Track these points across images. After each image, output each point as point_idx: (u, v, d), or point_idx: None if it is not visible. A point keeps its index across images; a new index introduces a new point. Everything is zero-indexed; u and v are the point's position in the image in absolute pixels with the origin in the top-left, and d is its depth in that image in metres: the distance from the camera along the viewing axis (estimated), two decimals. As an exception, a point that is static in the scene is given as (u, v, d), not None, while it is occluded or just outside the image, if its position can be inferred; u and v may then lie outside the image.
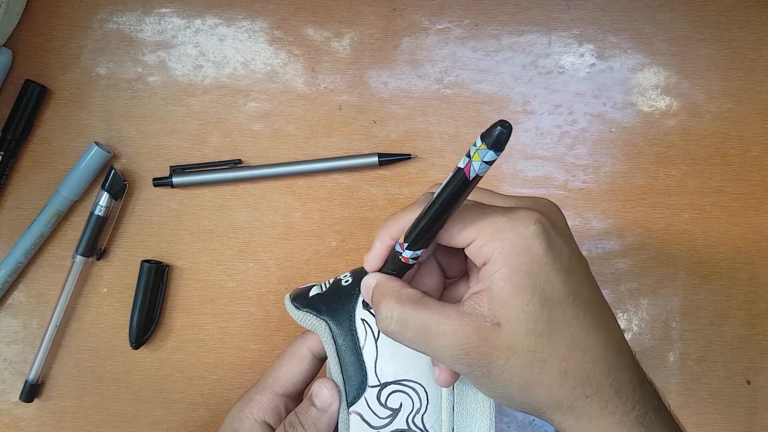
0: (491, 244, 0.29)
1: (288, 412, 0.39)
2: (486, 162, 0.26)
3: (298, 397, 0.40)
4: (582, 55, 0.53)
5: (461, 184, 0.28)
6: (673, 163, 0.52)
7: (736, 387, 0.52)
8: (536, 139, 0.52)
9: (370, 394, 0.36)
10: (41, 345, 0.52)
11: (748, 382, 0.52)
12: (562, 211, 0.33)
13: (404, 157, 0.52)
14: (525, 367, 0.29)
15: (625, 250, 0.52)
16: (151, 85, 0.53)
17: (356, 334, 0.36)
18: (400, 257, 0.32)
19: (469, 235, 0.30)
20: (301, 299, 0.39)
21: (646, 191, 0.52)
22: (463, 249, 0.31)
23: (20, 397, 0.52)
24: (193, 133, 0.53)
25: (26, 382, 0.52)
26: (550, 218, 0.30)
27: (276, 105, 0.53)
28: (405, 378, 0.36)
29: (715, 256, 0.52)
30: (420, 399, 0.36)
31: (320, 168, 0.52)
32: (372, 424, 0.36)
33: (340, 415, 0.37)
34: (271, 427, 0.38)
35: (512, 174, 0.52)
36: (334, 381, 0.37)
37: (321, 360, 0.39)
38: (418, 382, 0.36)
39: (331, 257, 0.53)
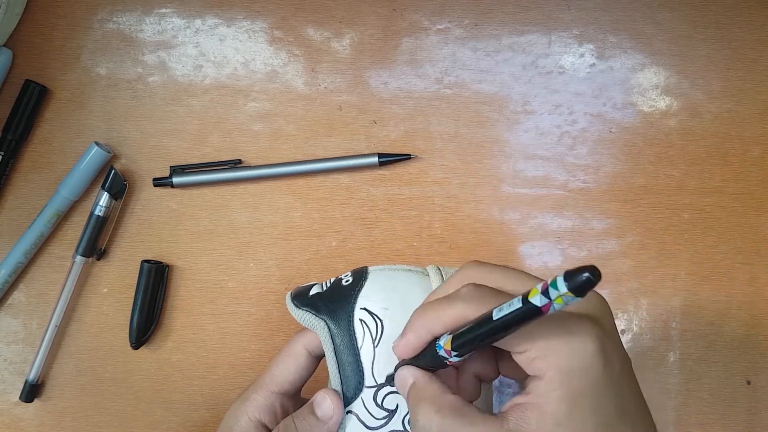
0: (547, 359, 0.28)
1: (284, 410, 0.39)
2: (567, 305, 0.24)
3: (294, 395, 0.39)
4: (582, 55, 0.53)
5: (531, 315, 0.26)
6: (673, 163, 0.52)
7: (736, 387, 0.52)
8: (536, 139, 0.52)
9: (367, 394, 0.36)
10: (41, 345, 0.52)
11: (748, 382, 0.52)
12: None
13: (404, 157, 0.52)
14: None
15: (625, 250, 0.52)
16: (151, 85, 0.53)
17: (354, 334, 0.36)
18: (446, 361, 0.31)
19: (522, 345, 0.28)
20: (301, 298, 0.39)
21: (646, 191, 0.52)
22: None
23: (20, 397, 0.52)
24: (193, 133, 0.53)
25: (26, 382, 0.52)
26: (603, 327, 0.29)
27: (276, 105, 0.53)
28: None
29: (715, 256, 0.52)
30: None
31: (320, 168, 0.52)
32: (368, 424, 0.36)
33: None
34: (266, 426, 0.38)
35: (512, 174, 0.52)
36: (338, 393, 0.36)
37: (317, 358, 0.39)
38: None
39: (331, 257, 0.53)
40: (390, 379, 0.35)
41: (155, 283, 0.52)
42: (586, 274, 0.23)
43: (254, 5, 0.53)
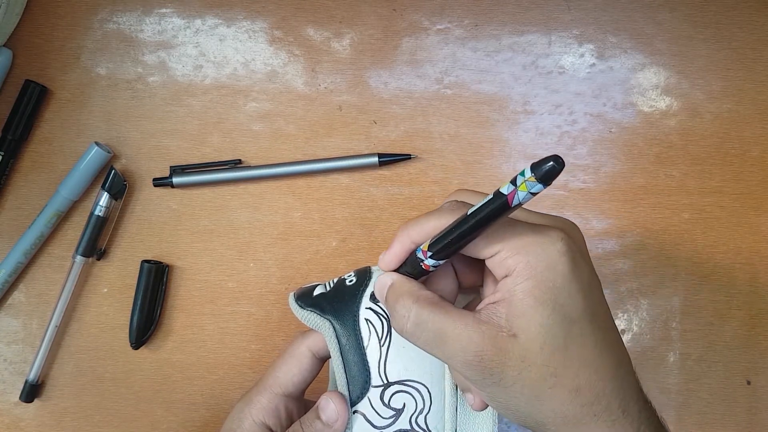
0: (516, 257, 0.30)
1: (287, 412, 0.39)
2: (531, 193, 0.26)
3: (298, 397, 0.40)
4: (582, 56, 0.53)
5: (500, 208, 0.28)
6: (673, 163, 0.52)
7: (736, 387, 0.52)
8: (536, 139, 0.52)
9: (374, 394, 0.36)
10: (41, 345, 0.52)
11: (748, 382, 0.52)
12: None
13: (404, 157, 0.52)
14: (537, 380, 0.29)
15: (625, 250, 0.52)
16: (151, 85, 0.53)
17: (360, 334, 0.36)
18: (422, 264, 0.32)
19: (494, 247, 0.30)
20: (305, 298, 0.39)
21: (646, 191, 0.52)
22: (484, 260, 0.31)
23: (20, 397, 0.52)
24: (193, 133, 0.53)
25: (26, 382, 0.52)
26: (574, 238, 0.31)
27: (276, 105, 0.53)
28: (409, 378, 0.36)
29: (715, 256, 0.52)
30: (423, 399, 0.36)
31: (320, 168, 0.52)
32: (375, 424, 0.36)
33: None
34: (269, 428, 0.38)
35: (512, 174, 0.52)
36: (342, 396, 0.36)
37: (320, 359, 0.39)
38: (422, 382, 0.36)
39: (331, 257, 0.53)
40: (372, 296, 0.36)
41: (155, 283, 0.52)
42: (551, 163, 0.25)
43: (254, 5, 0.53)
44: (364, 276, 0.38)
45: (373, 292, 0.37)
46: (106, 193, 0.51)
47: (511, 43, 0.53)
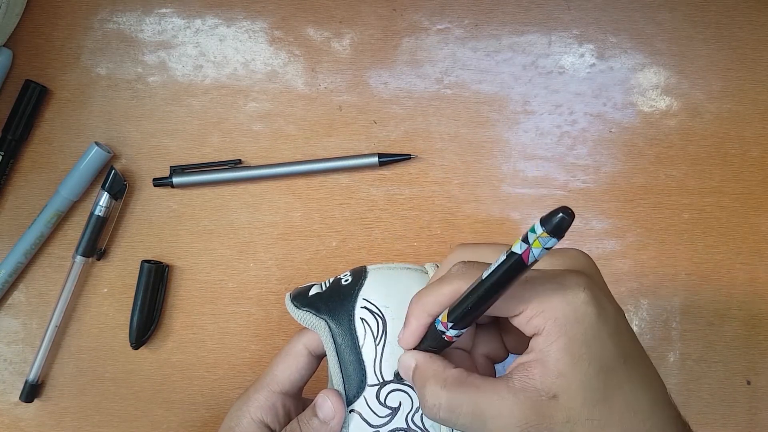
0: (542, 315, 0.29)
1: (285, 410, 0.39)
2: (546, 248, 0.25)
3: (296, 394, 0.40)
4: (582, 56, 0.53)
5: (517, 268, 0.27)
6: (673, 163, 0.52)
7: (736, 387, 0.52)
8: (536, 139, 0.52)
9: (370, 393, 0.36)
10: (41, 345, 0.52)
11: (748, 382, 0.52)
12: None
13: (404, 158, 0.52)
14: None
15: (625, 250, 0.52)
16: (151, 85, 0.53)
17: (355, 333, 0.36)
18: (443, 336, 0.31)
19: (517, 307, 0.29)
20: (301, 298, 0.39)
21: (646, 191, 0.52)
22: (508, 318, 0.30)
23: (20, 397, 0.52)
24: (193, 133, 0.53)
25: (26, 382, 0.52)
26: (592, 277, 0.30)
27: (276, 105, 0.53)
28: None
29: (715, 256, 0.52)
30: None
31: (320, 168, 0.52)
32: (371, 422, 0.36)
33: None
34: (267, 426, 0.38)
35: (512, 174, 0.52)
36: (339, 393, 0.36)
37: (317, 357, 0.39)
38: None
39: (331, 257, 0.53)
40: (398, 376, 0.36)
41: (155, 283, 0.52)
42: (560, 215, 0.24)
43: (254, 5, 0.53)
44: (359, 275, 0.38)
45: (369, 293, 0.37)
46: (106, 193, 0.51)
47: (511, 43, 0.53)
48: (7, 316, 0.53)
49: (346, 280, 0.38)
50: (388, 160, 0.52)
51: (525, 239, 0.25)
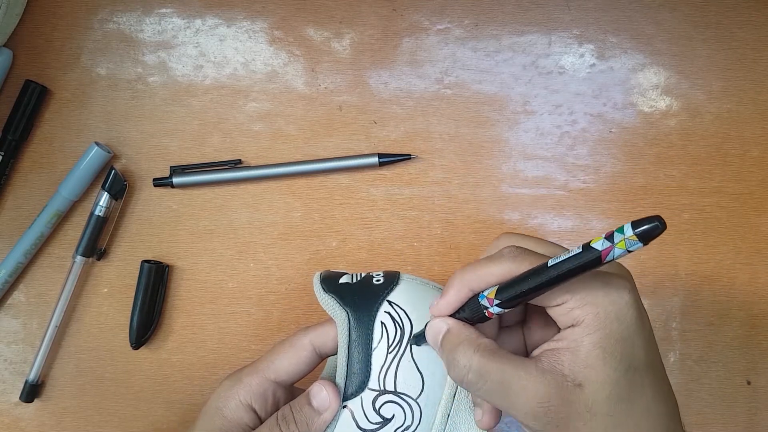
0: (585, 308, 0.29)
1: (275, 398, 0.38)
2: (629, 251, 0.25)
3: (288, 386, 0.39)
4: (582, 56, 0.53)
5: (592, 263, 0.27)
6: (673, 164, 0.52)
7: (736, 387, 0.52)
8: (536, 139, 0.52)
9: (368, 395, 0.36)
10: (41, 345, 0.52)
11: (748, 383, 0.52)
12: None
13: (404, 158, 0.52)
14: (602, 430, 0.29)
15: (625, 250, 0.52)
16: (151, 85, 0.53)
17: (372, 334, 0.36)
18: (485, 311, 0.32)
19: (562, 297, 0.30)
20: (330, 282, 0.38)
21: (646, 191, 0.52)
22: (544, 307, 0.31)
23: (20, 397, 0.52)
24: (193, 133, 0.53)
25: (26, 382, 0.52)
26: (634, 286, 0.31)
27: (276, 105, 0.53)
28: (405, 392, 0.36)
29: (715, 256, 0.52)
30: (413, 417, 0.36)
31: (320, 168, 0.52)
32: (360, 425, 0.36)
33: None
34: (255, 411, 0.38)
35: (512, 174, 0.52)
36: (336, 385, 0.36)
37: (320, 356, 0.39)
38: (417, 401, 0.36)
39: (331, 257, 0.52)
40: (416, 338, 0.36)
41: (155, 283, 0.52)
42: (655, 223, 0.24)
43: (254, 5, 0.53)
44: (391, 279, 0.38)
45: (397, 299, 0.37)
46: (106, 193, 0.51)
47: (511, 43, 0.53)
48: (7, 316, 0.53)
49: (378, 280, 0.38)
50: (388, 160, 0.52)
51: (609, 237, 0.26)
